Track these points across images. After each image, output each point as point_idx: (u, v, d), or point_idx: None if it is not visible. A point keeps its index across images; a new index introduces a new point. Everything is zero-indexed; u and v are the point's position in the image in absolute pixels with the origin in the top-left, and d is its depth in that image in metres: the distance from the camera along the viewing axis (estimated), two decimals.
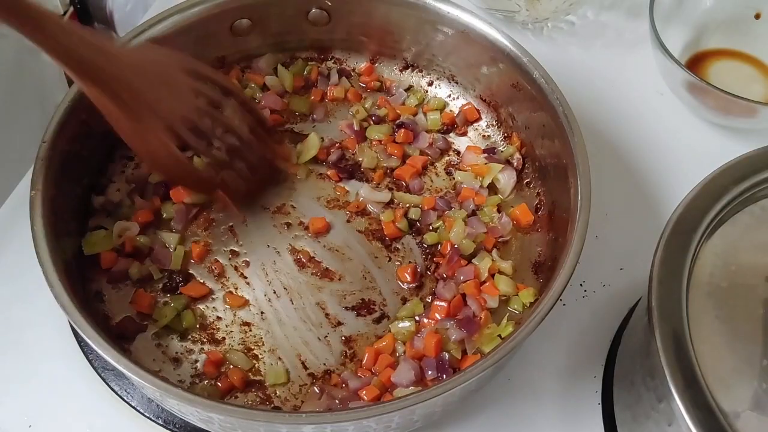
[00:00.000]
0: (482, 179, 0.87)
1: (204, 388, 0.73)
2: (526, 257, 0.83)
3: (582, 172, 0.75)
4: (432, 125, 0.92)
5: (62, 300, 0.66)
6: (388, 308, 0.79)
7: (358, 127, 0.91)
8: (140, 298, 0.78)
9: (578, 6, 1.06)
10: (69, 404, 0.75)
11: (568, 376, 0.79)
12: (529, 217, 0.84)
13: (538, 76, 0.81)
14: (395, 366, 0.74)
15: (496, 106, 0.91)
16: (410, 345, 0.75)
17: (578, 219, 0.72)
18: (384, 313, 0.79)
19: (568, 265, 0.69)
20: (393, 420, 0.65)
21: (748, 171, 0.70)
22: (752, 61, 1.02)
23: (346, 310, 0.79)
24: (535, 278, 0.81)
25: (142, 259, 0.80)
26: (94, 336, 0.64)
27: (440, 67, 0.94)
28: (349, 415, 0.62)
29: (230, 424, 0.65)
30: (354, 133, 0.91)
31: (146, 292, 0.78)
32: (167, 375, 0.74)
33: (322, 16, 0.92)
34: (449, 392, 0.63)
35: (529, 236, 0.84)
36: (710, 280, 0.66)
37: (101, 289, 0.79)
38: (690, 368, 0.59)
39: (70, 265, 0.74)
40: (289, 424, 0.63)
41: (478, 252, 0.82)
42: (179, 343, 0.77)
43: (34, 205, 0.71)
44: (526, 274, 0.82)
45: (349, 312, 0.79)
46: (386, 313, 0.79)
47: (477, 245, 0.82)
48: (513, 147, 0.89)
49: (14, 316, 0.80)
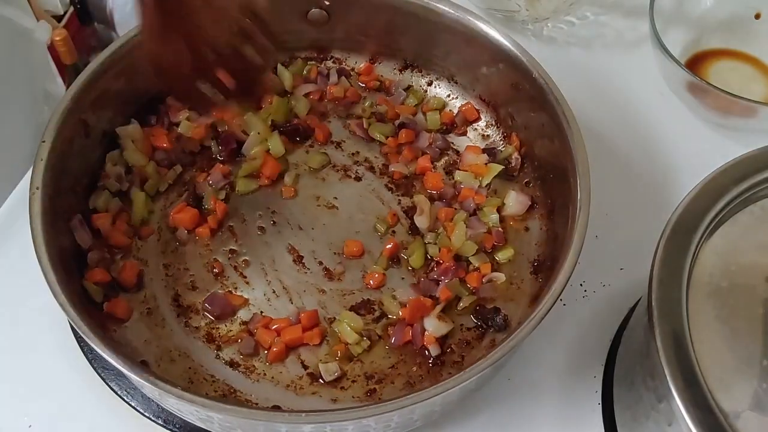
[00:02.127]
0: (482, 179, 0.87)
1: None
2: (525, 258, 0.83)
3: (581, 172, 0.75)
4: (431, 125, 0.92)
5: (60, 298, 0.66)
6: (386, 308, 0.79)
7: (367, 126, 0.91)
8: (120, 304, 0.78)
9: (578, 6, 1.06)
10: (69, 404, 0.75)
11: (568, 376, 0.78)
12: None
13: (538, 76, 0.81)
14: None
15: (495, 106, 0.91)
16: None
17: (578, 218, 0.72)
18: (384, 313, 0.79)
19: (567, 265, 0.69)
20: (392, 419, 0.65)
21: (748, 171, 0.70)
22: (752, 61, 1.02)
23: (346, 309, 0.79)
24: (534, 279, 0.81)
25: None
26: (89, 333, 0.64)
27: (440, 66, 0.94)
28: (349, 414, 0.62)
29: (230, 423, 0.65)
30: (363, 132, 0.91)
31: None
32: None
33: (321, 15, 0.92)
34: (449, 392, 0.63)
35: (528, 236, 0.84)
36: (710, 280, 0.66)
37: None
38: (690, 368, 0.59)
39: (68, 263, 0.74)
40: (289, 423, 0.63)
41: (478, 253, 0.82)
42: None
43: (33, 204, 0.71)
44: (525, 275, 0.82)
45: (349, 312, 0.79)
46: (386, 313, 0.79)
47: (479, 245, 0.82)
48: (512, 147, 0.89)
49: (14, 316, 0.80)
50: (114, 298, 0.77)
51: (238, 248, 0.83)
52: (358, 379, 0.75)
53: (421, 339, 0.76)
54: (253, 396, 0.74)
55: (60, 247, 0.72)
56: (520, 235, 0.85)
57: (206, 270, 0.81)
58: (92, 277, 0.77)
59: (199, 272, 0.81)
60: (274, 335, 0.76)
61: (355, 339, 0.76)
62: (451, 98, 0.95)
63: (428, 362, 0.76)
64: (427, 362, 0.76)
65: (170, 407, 0.71)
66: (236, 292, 0.80)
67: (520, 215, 0.85)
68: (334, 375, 0.74)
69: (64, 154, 0.76)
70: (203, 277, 0.81)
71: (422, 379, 0.75)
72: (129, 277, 0.79)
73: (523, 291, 0.81)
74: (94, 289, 0.76)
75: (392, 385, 0.75)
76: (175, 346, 0.76)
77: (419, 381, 0.75)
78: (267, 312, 0.79)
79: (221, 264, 0.82)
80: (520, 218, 0.85)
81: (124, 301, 0.77)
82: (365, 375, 0.75)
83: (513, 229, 0.85)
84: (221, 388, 0.74)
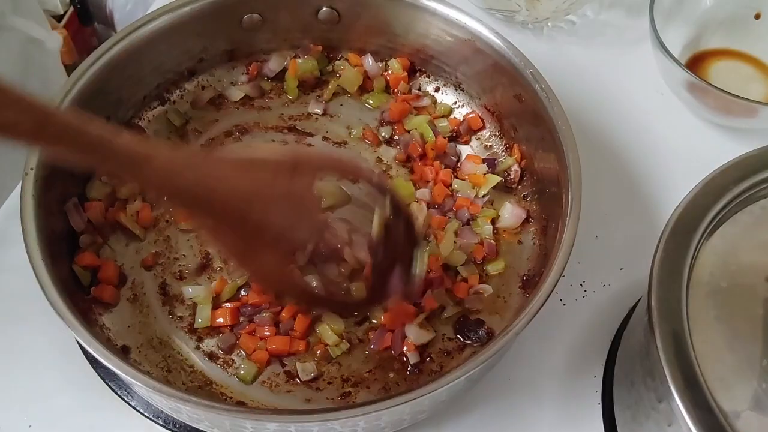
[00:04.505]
0: (479, 189, 0.87)
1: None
2: (515, 272, 0.82)
3: (574, 192, 0.73)
4: (442, 132, 0.91)
5: (42, 278, 0.67)
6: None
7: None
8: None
9: (578, 5, 1.06)
10: (69, 404, 0.75)
11: (568, 376, 0.78)
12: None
13: (540, 90, 0.80)
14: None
15: (499, 116, 0.90)
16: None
17: (564, 236, 0.70)
18: (366, 316, 0.79)
19: (550, 279, 0.68)
20: (358, 425, 0.65)
21: (748, 171, 0.70)
22: (752, 61, 1.02)
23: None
24: (521, 293, 0.80)
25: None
26: (66, 314, 0.65)
27: (447, 73, 0.93)
28: (312, 417, 0.62)
29: (197, 415, 0.66)
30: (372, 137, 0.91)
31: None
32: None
33: (332, 15, 0.92)
34: (416, 400, 0.62)
35: (520, 250, 0.83)
36: (710, 280, 0.66)
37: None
38: (690, 368, 0.59)
39: (59, 248, 0.75)
40: (254, 420, 0.63)
41: (468, 263, 0.81)
42: None
43: (25, 185, 0.71)
44: (514, 290, 0.81)
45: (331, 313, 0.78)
46: (369, 316, 0.79)
47: (468, 256, 0.82)
48: (512, 159, 0.88)
49: (13, 316, 0.80)
50: (101, 283, 0.78)
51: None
52: (334, 381, 0.75)
53: (400, 345, 0.75)
54: (228, 389, 0.74)
55: (51, 230, 0.72)
56: (513, 249, 0.83)
57: (196, 258, 0.81)
58: (81, 260, 0.77)
59: (189, 262, 0.81)
60: (258, 341, 0.76)
61: (334, 340, 0.76)
62: (457, 106, 0.94)
63: (406, 369, 0.76)
64: (405, 369, 0.76)
65: (144, 396, 0.72)
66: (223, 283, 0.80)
67: (514, 228, 0.84)
68: (310, 375, 0.74)
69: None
70: (192, 265, 0.81)
71: (398, 385, 0.75)
72: (109, 276, 0.79)
73: (509, 305, 0.79)
74: (83, 273, 0.77)
75: (367, 389, 0.74)
76: (158, 334, 0.77)
77: (395, 387, 0.75)
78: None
79: (210, 255, 0.82)
80: (514, 231, 0.84)
81: (111, 286, 0.78)
82: (342, 377, 0.75)
83: (506, 242, 0.84)
84: (198, 378, 0.74)
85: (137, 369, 0.64)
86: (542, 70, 0.81)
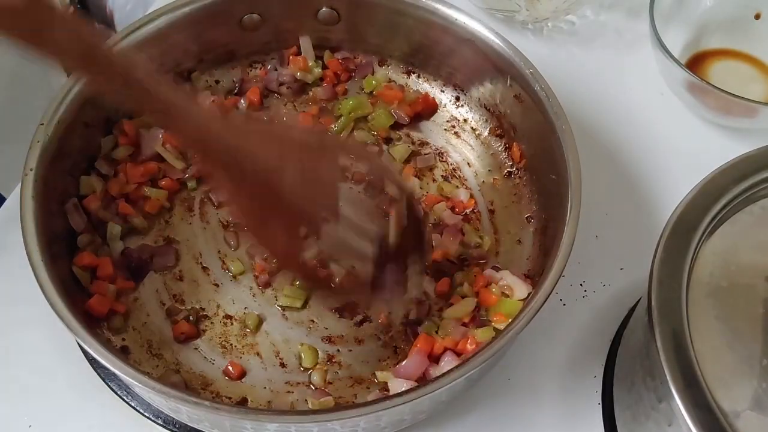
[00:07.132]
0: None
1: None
2: (516, 272, 0.81)
3: (573, 194, 0.73)
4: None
5: (40, 275, 0.67)
6: (370, 311, 0.79)
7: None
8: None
9: (578, 6, 1.06)
10: (69, 404, 0.75)
11: (568, 376, 0.78)
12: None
13: (540, 89, 0.80)
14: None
15: (499, 116, 0.90)
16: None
17: (563, 240, 0.70)
18: (366, 317, 0.79)
19: (547, 284, 0.67)
20: (359, 425, 0.66)
21: (748, 171, 0.70)
22: (752, 61, 1.02)
23: (329, 311, 0.79)
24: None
25: None
26: (68, 317, 0.65)
27: (446, 73, 0.93)
28: (313, 417, 0.63)
29: (197, 415, 0.66)
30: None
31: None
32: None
33: (332, 15, 0.92)
34: (417, 401, 0.62)
35: (520, 249, 0.83)
36: (710, 280, 0.66)
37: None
38: (690, 368, 0.59)
39: (59, 248, 0.75)
40: (254, 421, 0.63)
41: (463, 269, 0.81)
42: None
43: (25, 185, 0.71)
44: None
45: (332, 313, 0.79)
46: (368, 317, 0.79)
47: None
48: (513, 159, 0.88)
49: (13, 315, 0.80)
50: (99, 280, 0.78)
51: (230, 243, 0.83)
52: (334, 381, 0.75)
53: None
54: (228, 390, 0.74)
55: (51, 231, 0.72)
56: (513, 249, 0.84)
57: (194, 263, 0.82)
58: (80, 260, 0.77)
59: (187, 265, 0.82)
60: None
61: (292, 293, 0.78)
62: (456, 106, 0.94)
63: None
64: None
65: (143, 396, 0.72)
66: (220, 288, 0.80)
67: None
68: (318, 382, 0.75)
69: (63, 137, 0.76)
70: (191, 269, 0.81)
71: None
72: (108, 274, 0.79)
73: None
74: (82, 274, 0.77)
75: (367, 389, 0.75)
76: (158, 334, 0.77)
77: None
78: (251, 308, 0.79)
79: (209, 259, 0.82)
80: (514, 232, 0.84)
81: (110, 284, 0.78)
82: (342, 377, 0.76)
83: (506, 242, 0.84)
84: (198, 379, 0.75)
85: (137, 369, 0.64)
86: (542, 70, 0.81)
